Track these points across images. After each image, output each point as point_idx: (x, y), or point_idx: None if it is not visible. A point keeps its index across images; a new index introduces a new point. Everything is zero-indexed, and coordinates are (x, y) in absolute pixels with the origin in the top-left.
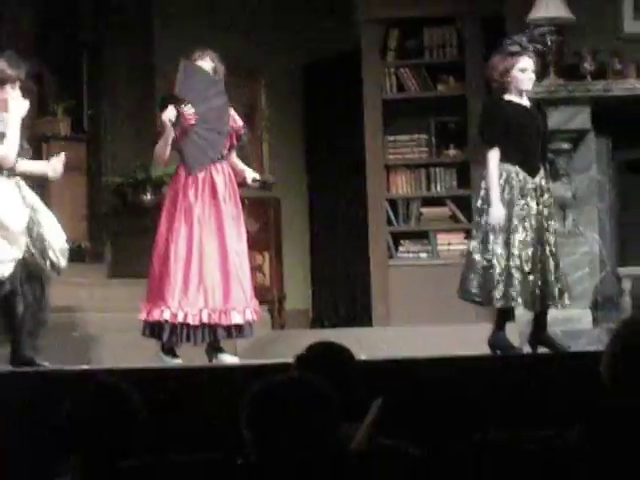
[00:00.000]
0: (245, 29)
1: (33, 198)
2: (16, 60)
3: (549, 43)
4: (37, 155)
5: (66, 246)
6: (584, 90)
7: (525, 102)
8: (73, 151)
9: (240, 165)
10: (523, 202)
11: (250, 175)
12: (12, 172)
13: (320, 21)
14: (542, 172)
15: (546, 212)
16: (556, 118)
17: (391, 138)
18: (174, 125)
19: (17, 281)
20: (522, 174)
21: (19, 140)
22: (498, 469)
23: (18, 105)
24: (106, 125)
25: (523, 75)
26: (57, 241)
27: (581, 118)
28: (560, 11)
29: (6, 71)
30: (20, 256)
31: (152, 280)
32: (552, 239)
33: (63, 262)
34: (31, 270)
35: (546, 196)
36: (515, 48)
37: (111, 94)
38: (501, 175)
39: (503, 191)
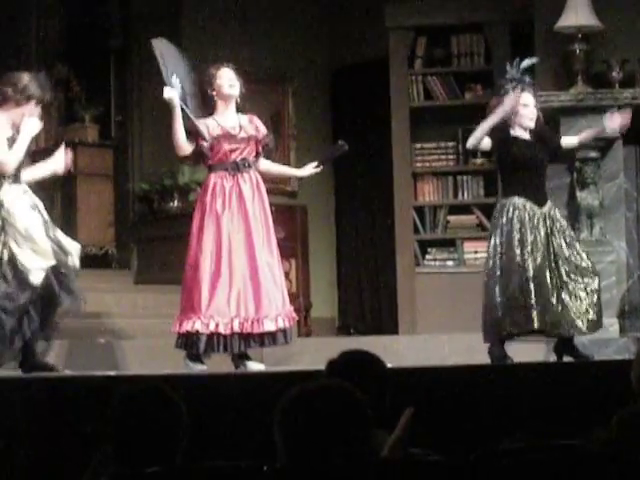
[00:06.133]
0: (273, 36)
1: (41, 206)
2: (44, 82)
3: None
4: None
5: (78, 246)
6: (612, 98)
7: (527, 136)
8: (100, 158)
9: (282, 169)
10: (530, 233)
11: (302, 172)
12: (17, 180)
13: (348, 29)
14: (550, 203)
15: (556, 242)
16: (584, 126)
17: (418, 146)
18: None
19: (53, 287)
20: (529, 205)
21: (23, 156)
22: (524, 477)
23: (33, 123)
24: (133, 132)
25: (525, 111)
26: (72, 243)
27: None
28: (589, 19)
29: (32, 90)
30: (49, 265)
31: (183, 292)
32: (567, 267)
33: (78, 262)
34: (54, 272)
35: (557, 225)
36: (512, 85)
37: (139, 101)
38: (509, 208)
39: (510, 222)
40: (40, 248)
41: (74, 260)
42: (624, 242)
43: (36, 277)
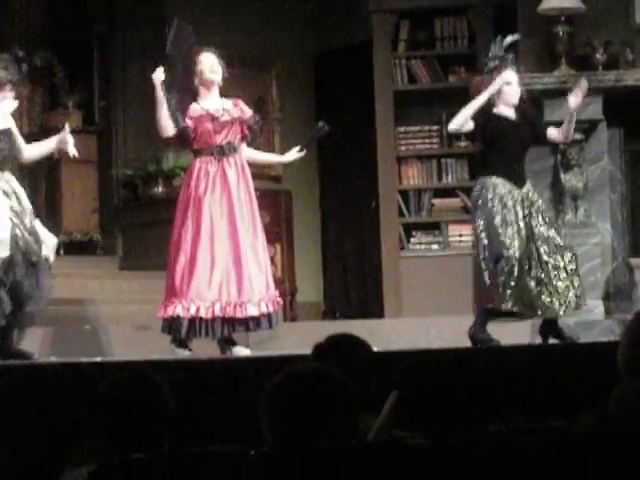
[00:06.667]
0: (256, 20)
1: (21, 195)
2: (11, 64)
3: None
4: None
5: (56, 240)
6: (596, 81)
7: (512, 115)
8: (84, 144)
9: (266, 157)
10: (511, 211)
11: (286, 157)
12: None
13: (331, 12)
14: (528, 184)
15: (535, 222)
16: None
17: (402, 129)
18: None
19: (17, 270)
20: (508, 185)
21: None
22: (511, 459)
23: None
24: (117, 118)
25: (509, 88)
26: (48, 235)
27: (593, 108)
28: (572, 1)
29: None
30: (7, 252)
31: (167, 276)
32: (544, 248)
33: (52, 256)
34: (24, 260)
35: (535, 206)
36: (495, 63)
37: (122, 87)
38: (488, 187)
39: (492, 201)
40: None
41: (48, 252)
42: (609, 224)
43: None
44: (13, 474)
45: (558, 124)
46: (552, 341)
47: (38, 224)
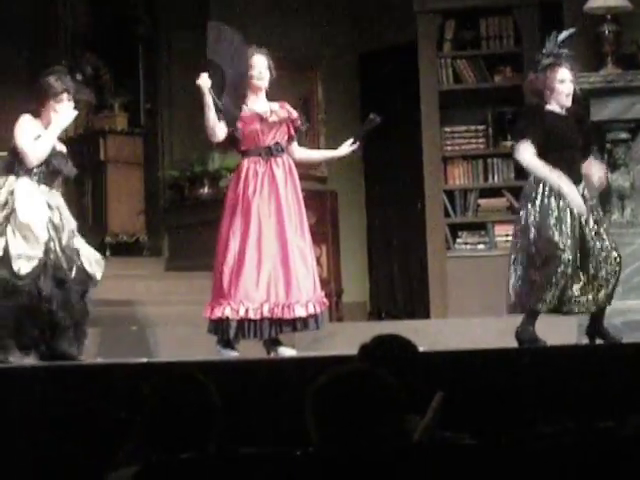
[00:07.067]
0: (301, 22)
1: (64, 212)
2: (64, 74)
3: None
4: (95, 148)
5: (99, 257)
6: None
7: (563, 112)
8: (130, 145)
9: (320, 153)
10: (567, 209)
11: (340, 152)
12: (37, 177)
13: (376, 12)
14: (583, 182)
15: (588, 221)
16: (614, 108)
17: (448, 129)
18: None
19: (44, 282)
20: (568, 182)
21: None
22: (557, 460)
23: (59, 118)
24: (163, 119)
25: (562, 86)
26: (91, 252)
27: (639, 108)
28: (618, 0)
29: (52, 86)
30: (40, 255)
31: (215, 277)
32: (597, 245)
33: (99, 273)
34: (53, 275)
35: (589, 204)
36: (550, 60)
37: (168, 88)
38: (546, 183)
39: (548, 197)
40: (33, 237)
41: (93, 269)
42: None
43: (23, 266)
44: (60, 474)
45: (604, 123)
46: (599, 341)
47: (80, 242)
